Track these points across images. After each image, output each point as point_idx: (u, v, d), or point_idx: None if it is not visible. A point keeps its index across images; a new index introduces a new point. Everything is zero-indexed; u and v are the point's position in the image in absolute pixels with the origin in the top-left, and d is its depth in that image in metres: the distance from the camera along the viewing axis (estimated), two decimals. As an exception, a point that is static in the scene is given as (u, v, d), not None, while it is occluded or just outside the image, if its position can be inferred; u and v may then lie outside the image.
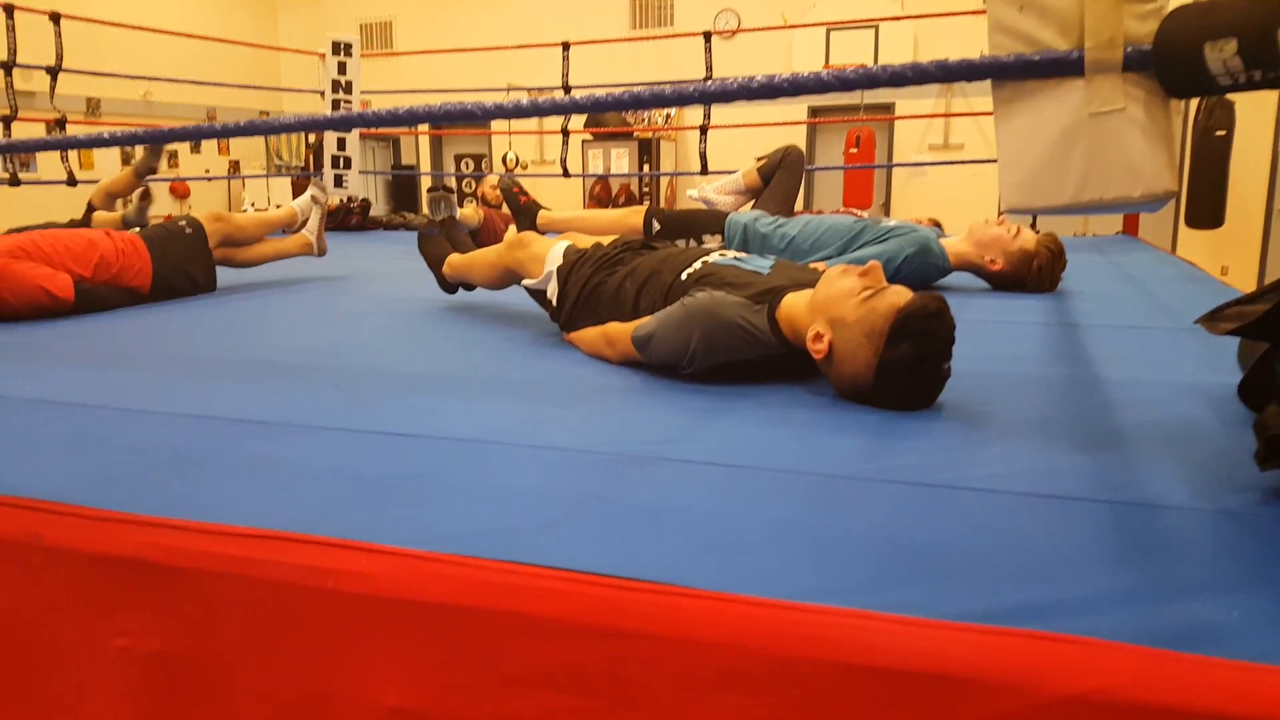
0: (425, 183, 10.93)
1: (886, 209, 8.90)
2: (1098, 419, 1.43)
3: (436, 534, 0.97)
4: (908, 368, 1.45)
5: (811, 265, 2.55)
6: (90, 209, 3.31)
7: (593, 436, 1.33)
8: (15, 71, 4.70)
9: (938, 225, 3.57)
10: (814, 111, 8.89)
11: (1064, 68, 1.15)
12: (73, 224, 3.15)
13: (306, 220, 3.56)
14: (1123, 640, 0.73)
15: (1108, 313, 2.48)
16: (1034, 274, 2.85)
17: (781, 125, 7.35)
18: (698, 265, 1.87)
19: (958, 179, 7.94)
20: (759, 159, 4.06)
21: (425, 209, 8.75)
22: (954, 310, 1.48)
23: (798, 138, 8.89)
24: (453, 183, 10.77)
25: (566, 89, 5.65)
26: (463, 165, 11.04)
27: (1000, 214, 3.43)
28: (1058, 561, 0.90)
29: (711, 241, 3.09)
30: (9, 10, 4.61)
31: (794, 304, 1.64)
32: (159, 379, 1.81)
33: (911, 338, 1.44)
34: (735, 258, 1.89)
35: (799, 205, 9.08)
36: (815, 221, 3.03)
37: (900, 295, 1.48)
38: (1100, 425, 1.39)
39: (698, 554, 0.92)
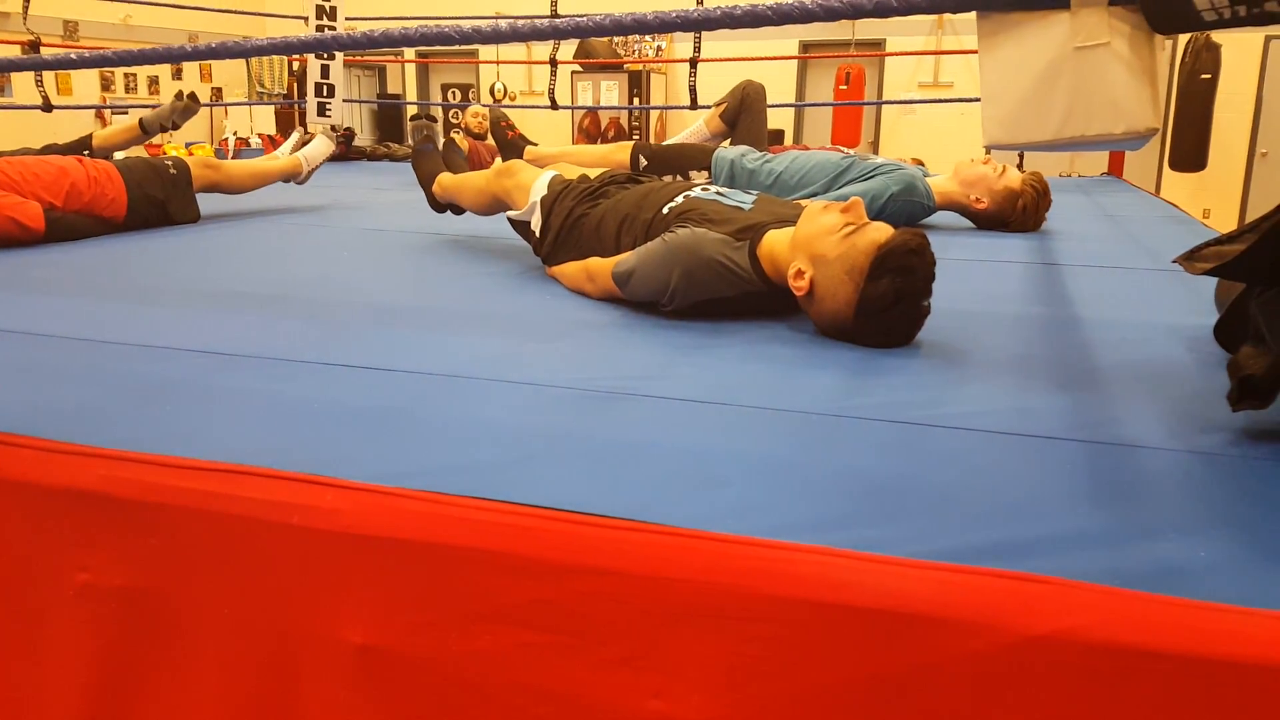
0: (411, 112, 10.74)
1: (875, 147, 8.82)
2: (1075, 359, 1.42)
3: (407, 469, 0.96)
4: (887, 304, 1.43)
5: (796, 201, 2.52)
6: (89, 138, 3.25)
7: (570, 372, 1.31)
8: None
9: (921, 165, 3.53)
10: (805, 47, 8.73)
11: (1050, -1, 1.12)
12: (71, 147, 3.10)
13: (311, 172, 3.49)
14: (1091, 580, 0.73)
15: (1090, 253, 2.47)
16: (1018, 213, 2.83)
17: (772, 60, 7.21)
18: (679, 200, 1.83)
19: (946, 118, 7.86)
20: (718, 103, 3.98)
21: (409, 138, 8.59)
22: (937, 249, 1.46)
23: (788, 73, 8.76)
24: (439, 113, 10.58)
25: (555, 18, 5.52)
26: (449, 95, 10.84)
27: (987, 153, 3.40)
28: (1028, 501, 0.90)
29: (698, 177, 3.04)
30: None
31: (775, 241, 1.62)
32: (128, 310, 1.78)
33: (891, 274, 1.42)
34: (718, 192, 1.85)
35: (788, 140, 8.96)
36: (802, 158, 2.99)
37: (881, 232, 1.46)
38: (1077, 365, 1.39)
39: (670, 490, 0.91)
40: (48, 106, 4.95)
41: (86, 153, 3.11)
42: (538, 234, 2.11)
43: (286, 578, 0.94)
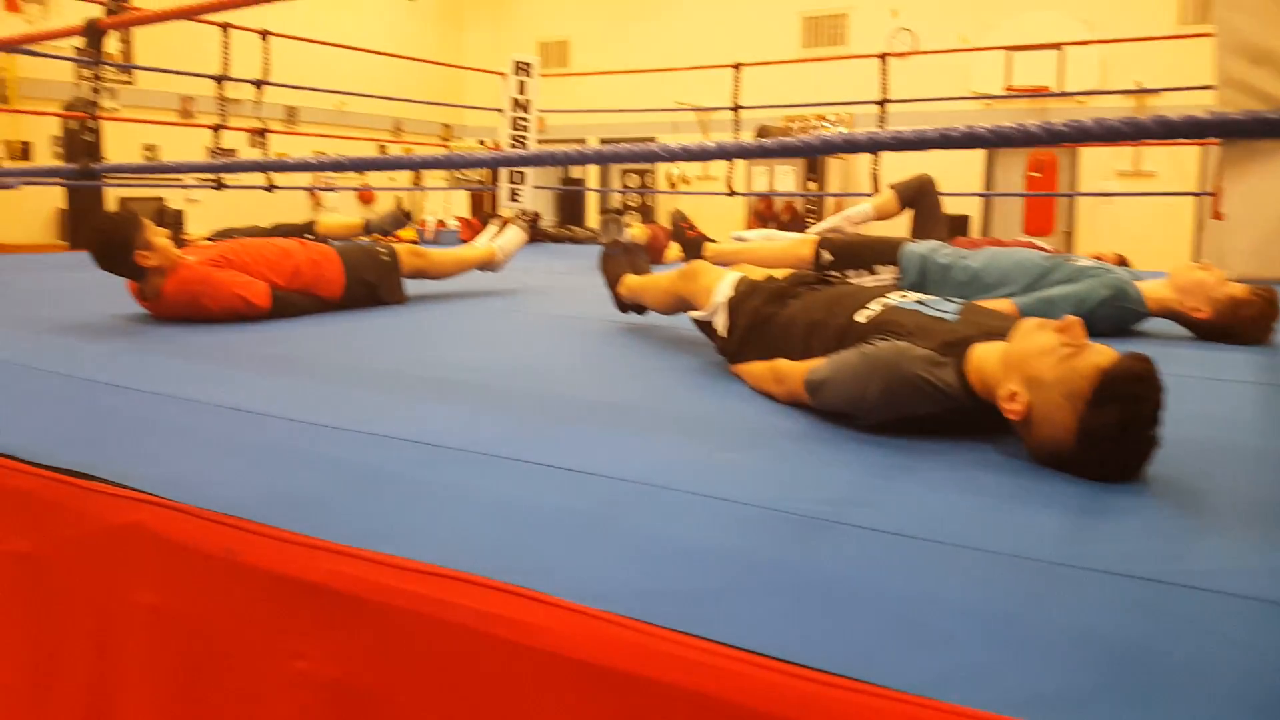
0: (592, 198, 11.17)
1: (1070, 238, 8.44)
2: (1336, 508, 1.28)
3: (609, 590, 0.95)
4: (1112, 435, 1.33)
5: (995, 304, 2.43)
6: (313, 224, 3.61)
7: (767, 489, 1.29)
8: (225, 83, 5.08)
9: (1124, 261, 3.34)
10: (993, 134, 8.51)
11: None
12: (296, 229, 3.42)
13: (505, 261, 3.70)
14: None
15: (1334, 374, 2.24)
16: (1244, 324, 2.61)
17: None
18: (876, 307, 1.79)
19: (1149, 209, 7.44)
20: (892, 186, 3.95)
21: (598, 230, 8.96)
22: (1154, 360, 1.35)
23: (976, 159, 8.57)
24: (618, 198, 10.96)
25: (736, 109, 5.64)
26: (628, 180, 11.21)
27: (1202, 259, 3.17)
28: (1303, 689, 0.79)
29: (885, 272, 2.99)
30: (225, 28, 4.99)
31: (984, 356, 1.55)
32: (344, 392, 1.90)
33: (1117, 402, 1.33)
34: (917, 301, 1.80)
35: (974, 229, 8.71)
36: (1001, 255, 2.88)
37: (1103, 355, 1.37)
38: (1339, 517, 1.24)
39: (886, 642, 0.86)
40: (270, 187, 5.43)
41: (309, 237, 3.39)
42: (723, 334, 2.12)
43: (489, 689, 0.94)
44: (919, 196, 3.78)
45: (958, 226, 8.13)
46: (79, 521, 1.22)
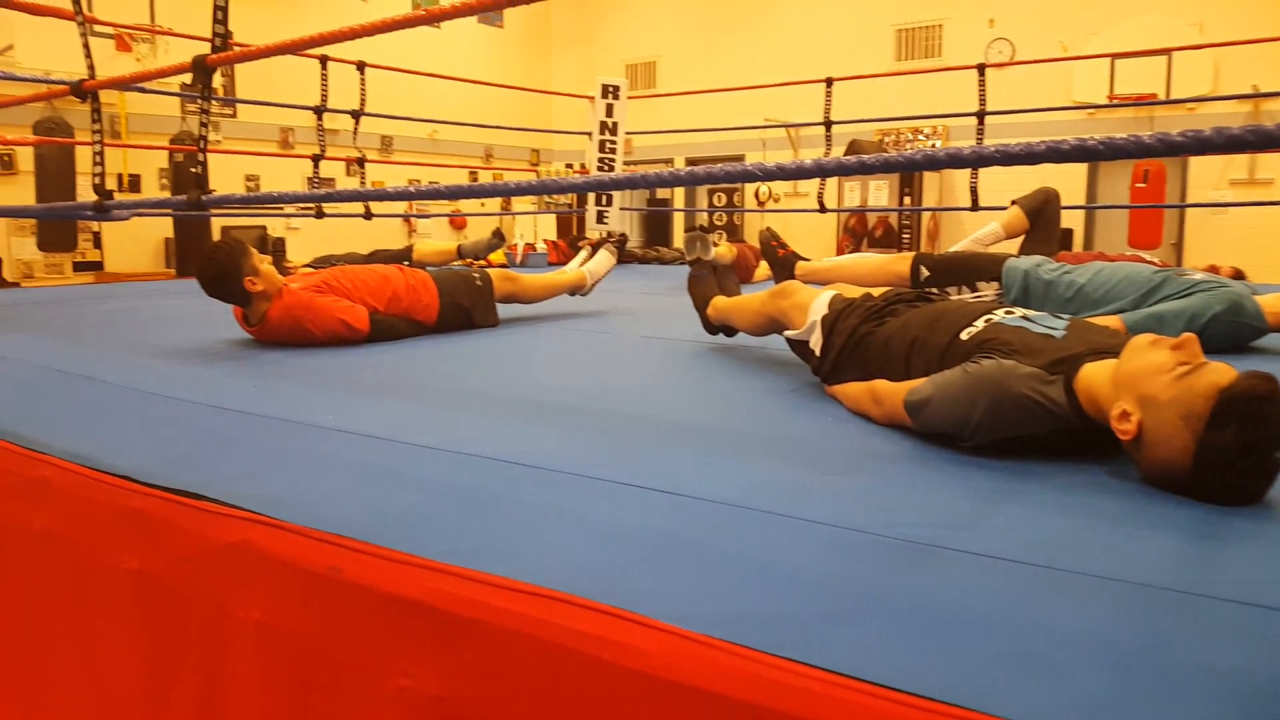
0: (678, 218, 11.21)
1: (1179, 251, 8.09)
2: None
3: (711, 613, 0.94)
4: (1232, 457, 1.27)
5: (1103, 320, 2.34)
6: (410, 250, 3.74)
7: (867, 513, 1.26)
8: (324, 115, 5.27)
9: (1240, 275, 3.18)
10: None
11: None
12: (394, 256, 3.53)
13: (594, 285, 3.74)
14: None
15: None
16: (1375, 339, 2.46)
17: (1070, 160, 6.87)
18: (979, 325, 1.75)
19: (1266, 220, 7.09)
20: (1015, 202, 3.85)
21: (682, 247, 8.98)
22: (1276, 378, 1.28)
23: (1078, 169, 8.30)
24: (705, 217, 10.96)
25: (828, 124, 5.58)
26: (715, 199, 11.20)
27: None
28: None
29: (987, 289, 2.91)
30: (323, 61, 5.18)
31: (1094, 375, 1.49)
32: (441, 413, 1.94)
33: (1236, 422, 1.26)
34: (1023, 317, 1.75)
35: (1077, 242, 8.44)
36: (1108, 270, 2.77)
37: (1222, 373, 1.31)
38: None
39: (996, 672, 0.83)
40: (368, 215, 5.60)
41: (406, 263, 3.48)
42: (817, 353, 2.09)
43: (590, 712, 0.94)
44: (1042, 209, 3.69)
45: (1061, 241, 7.87)
46: (189, 540, 1.27)
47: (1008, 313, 1.78)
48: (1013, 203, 3.88)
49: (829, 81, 5.56)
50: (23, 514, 1.50)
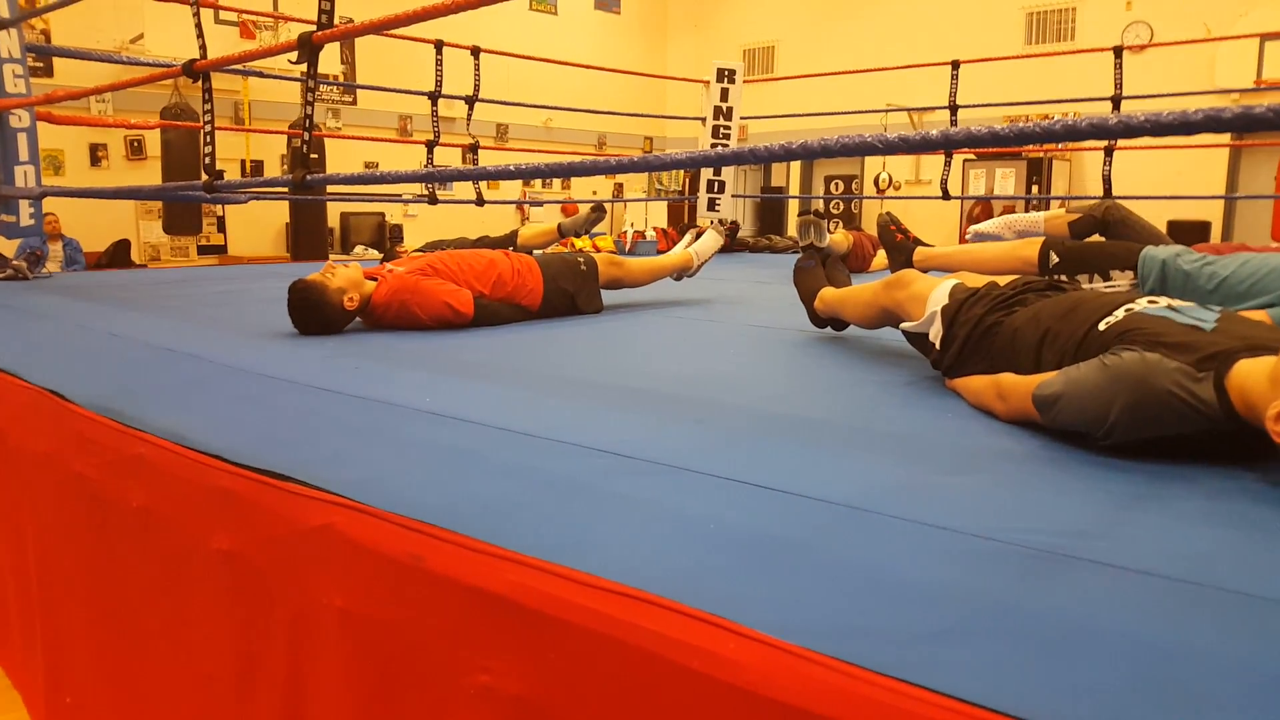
0: (793, 205, 10.99)
1: (1334, 243, 7.46)
2: None
3: (812, 623, 0.86)
4: None
5: (1249, 313, 2.12)
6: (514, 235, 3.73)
7: (990, 517, 1.14)
8: (440, 101, 5.33)
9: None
10: (1239, 133, 7.68)
11: None
12: (500, 241, 3.54)
13: (700, 266, 3.66)
14: None
15: None
16: None
17: (1200, 147, 6.42)
18: (1119, 314, 1.59)
19: None
20: (1069, 212, 3.51)
21: (795, 233, 8.80)
22: None
23: (1218, 160, 7.76)
24: (820, 205, 10.71)
25: (953, 108, 5.34)
26: (832, 187, 10.93)
27: None
28: None
29: (1121, 279, 2.70)
30: (439, 46, 5.23)
31: (1248, 372, 1.32)
32: (538, 399, 1.89)
33: None
34: (1168, 307, 1.58)
35: (1214, 234, 7.90)
36: (1255, 260, 2.53)
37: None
38: None
39: (1132, 700, 0.72)
40: (480, 201, 5.65)
41: (512, 248, 3.47)
42: (937, 345, 1.96)
43: (677, 722, 0.87)
44: (1104, 228, 3.32)
45: (1198, 232, 7.35)
46: (276, 522, 1.25)
47: (1151, 302, 1.62)
48: (1065, 211, 3.54)
49: (955, 64, 5.31)
50: (121, 490, 1.52)
